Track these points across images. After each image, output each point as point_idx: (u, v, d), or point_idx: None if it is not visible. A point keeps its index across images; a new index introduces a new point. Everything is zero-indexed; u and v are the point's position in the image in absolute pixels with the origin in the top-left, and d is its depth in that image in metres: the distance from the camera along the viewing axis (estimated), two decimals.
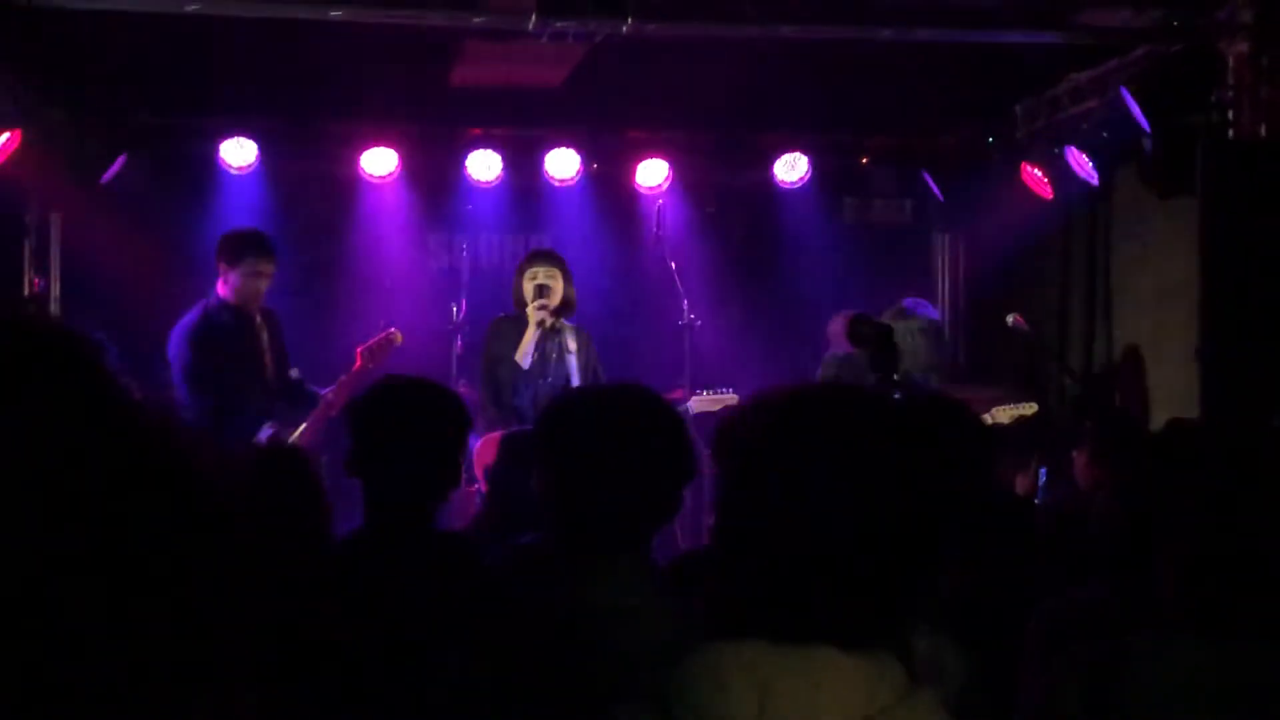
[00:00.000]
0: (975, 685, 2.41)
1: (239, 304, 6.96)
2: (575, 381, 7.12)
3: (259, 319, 7.11)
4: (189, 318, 6.95)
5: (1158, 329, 7.37)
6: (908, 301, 7.51)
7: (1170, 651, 2.20)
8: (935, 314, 7.64)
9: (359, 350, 7.17)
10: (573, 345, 7.20)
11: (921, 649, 1.66)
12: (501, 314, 7.39)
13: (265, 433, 6.76)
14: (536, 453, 2.65)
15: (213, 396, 6.75)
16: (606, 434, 2.55)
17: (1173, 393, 7.08)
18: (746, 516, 1.69)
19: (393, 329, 7.29)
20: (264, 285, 7.03)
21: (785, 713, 1.57)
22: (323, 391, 7.12)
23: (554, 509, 2.57)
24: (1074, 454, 5.59)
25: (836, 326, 7.49)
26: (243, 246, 6.98)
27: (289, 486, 3.14)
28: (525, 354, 7.08)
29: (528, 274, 7.16)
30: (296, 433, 6.93)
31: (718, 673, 1.61)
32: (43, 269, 8.50)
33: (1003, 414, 7.22)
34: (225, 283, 6.95)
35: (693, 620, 2.06)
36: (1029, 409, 7.29)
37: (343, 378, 7.12)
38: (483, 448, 6.93)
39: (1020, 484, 6.01)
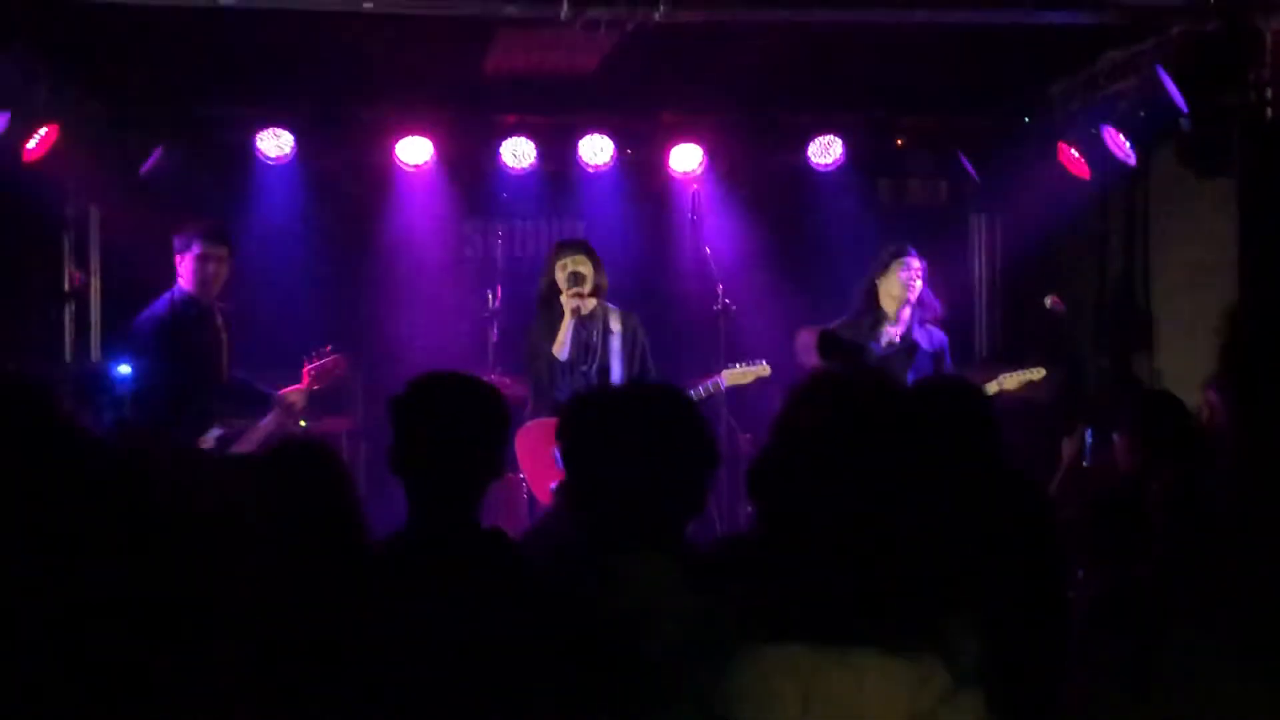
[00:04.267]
0: (987, 663, 2.42)
1: (198, 294, 6.76)
2: (617, 366, 7.10)
3: (220, 316, 6.92)
4: (154, 309, 6.77)
5: (1196, 309, 7.31)
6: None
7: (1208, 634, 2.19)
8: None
9: (306, 370, 6.99)
10: (615, 327, 7.17)
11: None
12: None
13: (214, 434, 6.59)
14: (561, 452, 2.69)
15: (164, 393, 6.52)
16: (622, 430, 2.59)
17: (1211, 374, 7.03)
18: (788, 520, 1.70)
19: (339, 355, 7.12)
20: (217, 270, 6.81)
21: (829, 714, 1.59)
22: (276, 392, 6.90)
23: (580, 507, 2.59)
24: (1114, 437, 5.57)
25: (805, 341, 7.29)
26: (190, 233, 6.79)
27: (313, 481, 3.14)
28: (563, 345, 7.05)
29: (558, 264, 7.14)
30: (255, 433, 6.71)
31: (762, 675, 1.63)
32: (82, 262, 8.57)
33: (1010, 380, 7.15)
34: (180, 273, 6.78)
35: (724, 620, 2.07)
36: (1036, 374, 7.20)
37: (291, 388, 6.93)
38: (522, 436, 6.98)
39: (1067, 448, 6.02)
